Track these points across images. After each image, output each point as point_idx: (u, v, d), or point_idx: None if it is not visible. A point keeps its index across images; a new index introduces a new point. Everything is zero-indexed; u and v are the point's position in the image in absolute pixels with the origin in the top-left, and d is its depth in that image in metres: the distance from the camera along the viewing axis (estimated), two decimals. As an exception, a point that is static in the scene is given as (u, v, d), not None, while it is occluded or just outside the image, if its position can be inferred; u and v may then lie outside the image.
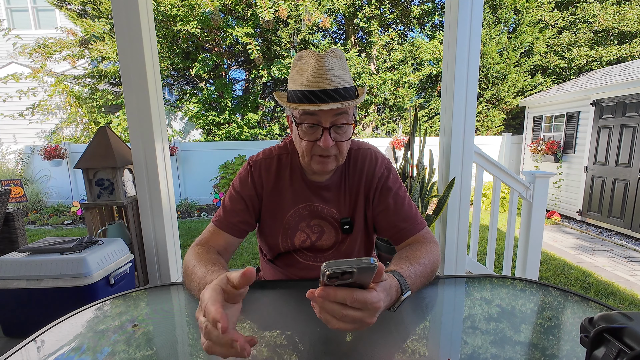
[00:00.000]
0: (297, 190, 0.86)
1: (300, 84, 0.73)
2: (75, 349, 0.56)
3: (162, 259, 1.99)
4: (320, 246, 0.88)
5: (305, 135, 0.75)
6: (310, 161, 0.78)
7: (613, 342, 0.34)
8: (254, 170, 0.87)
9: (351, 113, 0.76)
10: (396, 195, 0.85)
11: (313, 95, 0.71)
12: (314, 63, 0.72)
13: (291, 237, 0.87)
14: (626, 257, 3.56)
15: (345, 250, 0.89)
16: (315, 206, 0.87)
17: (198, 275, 0.66)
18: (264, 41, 7.77)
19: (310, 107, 0.70)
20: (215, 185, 5.43)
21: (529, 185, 2.05)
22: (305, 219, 0.87)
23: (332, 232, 0.88)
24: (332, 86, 0.71)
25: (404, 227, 0.82)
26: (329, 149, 0.75)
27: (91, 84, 6.72)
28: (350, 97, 0.73)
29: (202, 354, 0.54)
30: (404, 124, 8.12)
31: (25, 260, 1.51)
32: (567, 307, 0.68)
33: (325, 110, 0.72)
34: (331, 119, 0.73)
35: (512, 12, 7.10)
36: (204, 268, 0.67)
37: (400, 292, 0.58)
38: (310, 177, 0.87)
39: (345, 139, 0.76)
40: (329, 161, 0.77)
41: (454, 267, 2.02)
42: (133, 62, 1.76)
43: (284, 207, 0.87)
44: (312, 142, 0.75)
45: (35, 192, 5.76)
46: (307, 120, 0.74)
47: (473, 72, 1.83)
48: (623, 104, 4.34)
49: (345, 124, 0.75)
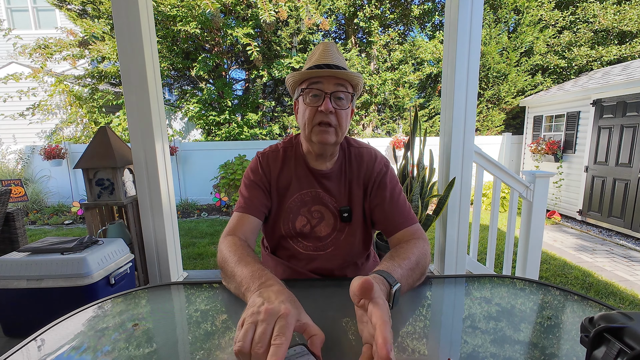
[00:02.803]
0: (302, 177, 0.92)
1: (309, 64, 0.88)
2: (75, 348, 0.56)
3: (163, 258, 1.99)
4: (319, 232, 0.92)
5: (309, 103, 0.84)
6: (311, 133, 0.85)
7: (613, 342, 0.34)
8: (262, 161, 0.94)
9: (349, 90, 0.86)
10: (392, 190, 0.91)
11: (318, 67, 0.84)
12: (322, 47, 0.88)
13: (293, 220, 0.92)
14: (626, 256, 3.56)
15: (344, 240, 0.92)
16: (318, 192, 0.92)
17: (239, 277, 0.66)
18: (264, 41, 7.76)
19: (315, 73, 0.83)
20: (216, 185, 5.43)
21: (529, 185, 2.05)
22: (307, 204, 0.92)
23: (332, 219, 0.92)
24: (335, 62, 0.85)
25: (397, 219, 0.87)
26: (329, 116, 0.82)
27: (91, 84, 6.72)
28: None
29: (202, 354, 0.54)
30: (404, 124, 8.12)
31: (26, 260, 1.51)
32: (567, 307, 0.68)
33: (328, 78, 0.83)
34: (332, 88, 0.83)
35: (513, 11, 7.10)
36: (245, 268, 0.67)
37: (389, 286, 0.59)
38: (313, 164, 0.93)
39: (343, 108, 0.84)
40: (329, 132, 0.84)
41: (454, 266, 2.02)
42: (133, 62, 1.76)
43: (288, 193, 0.92)
44: (314, 108, 0.83)
45: (36, 192, 5.76)
46: (312, 87, 0.84)
47: (473, 72, 1.83)
48: (623, 104, 4.34)
49: (344, 94, 0.84)
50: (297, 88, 0.90)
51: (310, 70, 0.84)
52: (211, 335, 0.60)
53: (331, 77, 0.83)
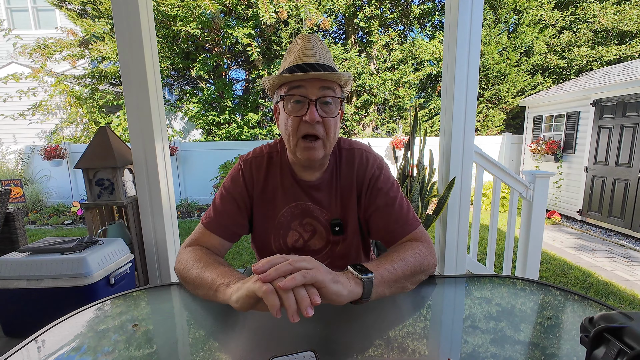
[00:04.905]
0: (288, 188, 0.84)
1: (287, 62, 0.75)
2: (75, 348, 0.56)
3: (162, 258, 1.99)
4: (312, 246, 0.86)
5: (291, 111, 0.73)
6: (296, 148, 0.75)
7: (613, 342, 0.34)
8: (245, 170, 0.85)
9: (337, 93, 0.75)
10: (386, 196, 0.82)
11: (299, 68, 0.71)
12: (302, 42, 0.75)
13: (284, 236, 0.85)
14: (626, 256, 3.56)
15: (340, 251, 0.87)
16: (307, 204, 0.84)
17: (208, 280, 0.65)
18: (264, 41, 7.76)
19: (296, 77, 0.70)
20: (215, 185, 5.43)
21: (529, 185, 2.05)
22: (297, 218, 0.85)
23: (324, 232, 0.86)
24: (319, 61, 0.72)
25: (394, 229, 0.80)
26: (315, 127, 0.72)
27: (91, 84, 6.72)
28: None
29: (202, 354, 0.54)
30: (404, 124, 8.12)
31: (26, 260, 1.51)
32: (567, 307, 0.68)
33: (311, 81, 0.71)
34: (317, 93, 0.71)
35: (512, 11, 7.10)
36: (213, 270, 0.66)
37: (355, 275, 0.59)
38: (300, 175, 0.84)
39: (331, 116, 0.74)
40: (315, 147, 0.74)
41: (454, 267, 2.02)
42: (133, 62, 1.76)
43: (275, 206, 0.85)
44: (298, 118, 0.72)
45: (36, 192, 5.76)
46: (293, 92, 0.72)
47: (473, 72, 1.83)
48: (623, 104, 4.34)
49: (332, 98, 0.73)
50: (276, 92, 0.78)
51: (289, 74, 0.71)
52: (211, 336, 0.60)
53: (315, 79, 0.71)
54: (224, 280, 0.62)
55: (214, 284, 0.63)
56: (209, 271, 0.67)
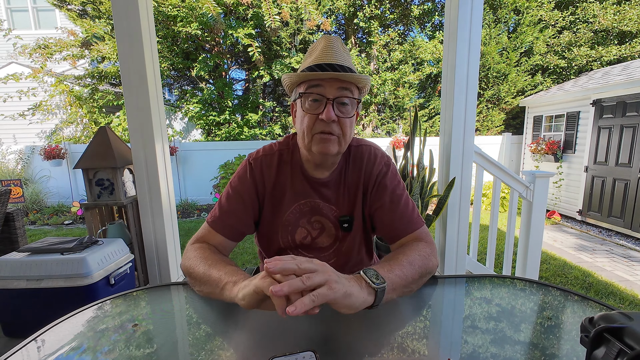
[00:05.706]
0: (298, 186, 0.84)
1: (308, 61, 0.77)
2: (75, 348, 0.56)
3: (162, 259, 1.99)
4: (320, 244, 0.87)
5: (308, 109, 0.74)
6: (311, 142, 0.76)
7: (613, 342, 0.34)
8: (254, 168, 0.84)
9: (355, 95, 0.77)
10: (392, 193, 0.83)
11: (319, 67, 0.73)
12: (324, 42, 0.77)
13: (292, 233, 0.86)
14: (626, 256, 3.56)
15: (344, 249, 0.88)
16: (316, 202, 0.85)
17: (215, 277, 0.66)
18: (264, 41, 7.77)
19: (315, 75, 0.72)
20: (216, 185, 5.42)
21: (529, 185, 2.05)
22: (306, 215, 0.85)
23: (333, 230, 0.87)
24: (339, 62, 0.74)
25: (398, 226, 0.81)
26: (331, 125, 0.73)
27: (91, 84, 6.72)
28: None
29: (203, 354, 0.54)
30: (404, 124, 8.12)
31: (26, 260, 1.51)
32: (567, 307, 0.68)
33: (330, 81, 0.73)
34: (335, 92, 0.73)
35: (512, 12, 7.11)
36: (221, 269, 0.67)
37: (369, 284, 0.58)
38: (311, 173, 0.85)
39: (347, 116, 0.75)
40: (331, 140, 0.75)
41: (454, 267, 2.02)
42: (133, 63, 1.76)
43: (284, 204, 0.85)
44: (314, 115, 0.74)
45: (36, 192, 5.76)
46: (312, 91, 0.74)
47: (473, 72, 1.83)
48: (623, 104, 4.34)
49: (349, 99, 0.74)
50: (295, 90, 0.80)
51: (310, 72, 0.73)
52: (211, 336, 0.60)
53: (334, 80, 0.73)
54: (231, 279, 0.63)
55: (221, 282, 0.64)
56: (216, 269, 0.67)
